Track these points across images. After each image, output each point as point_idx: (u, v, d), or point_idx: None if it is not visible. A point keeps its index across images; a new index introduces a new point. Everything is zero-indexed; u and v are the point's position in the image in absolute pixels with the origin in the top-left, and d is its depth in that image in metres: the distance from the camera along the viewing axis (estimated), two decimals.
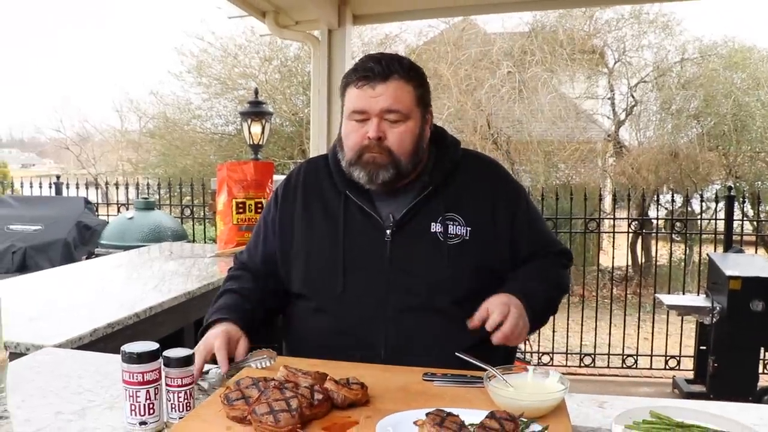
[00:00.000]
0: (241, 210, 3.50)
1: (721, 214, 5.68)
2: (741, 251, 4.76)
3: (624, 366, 5.34)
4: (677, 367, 5.26)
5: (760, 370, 4.61)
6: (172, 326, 2.44)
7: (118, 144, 15.52)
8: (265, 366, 1.46)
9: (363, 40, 10.75)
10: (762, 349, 4.44)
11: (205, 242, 5.85)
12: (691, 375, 4.85)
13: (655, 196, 8.18)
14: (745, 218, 6.74)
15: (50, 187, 6.39)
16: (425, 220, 1.61)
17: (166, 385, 1.25)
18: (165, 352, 1.27)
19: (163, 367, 1.25)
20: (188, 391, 1.26)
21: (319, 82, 4.76)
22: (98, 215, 5.65)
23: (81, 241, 4.84)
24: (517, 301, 1.52)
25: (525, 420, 1.15)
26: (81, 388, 1.45)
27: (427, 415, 1.09)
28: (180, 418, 1.24)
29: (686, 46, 9.68)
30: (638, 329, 5.41)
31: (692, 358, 4.97)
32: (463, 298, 1.56)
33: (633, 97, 10.49)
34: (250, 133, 5.08)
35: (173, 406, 1.25)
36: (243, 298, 1.66)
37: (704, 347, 4.60)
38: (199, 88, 10.47)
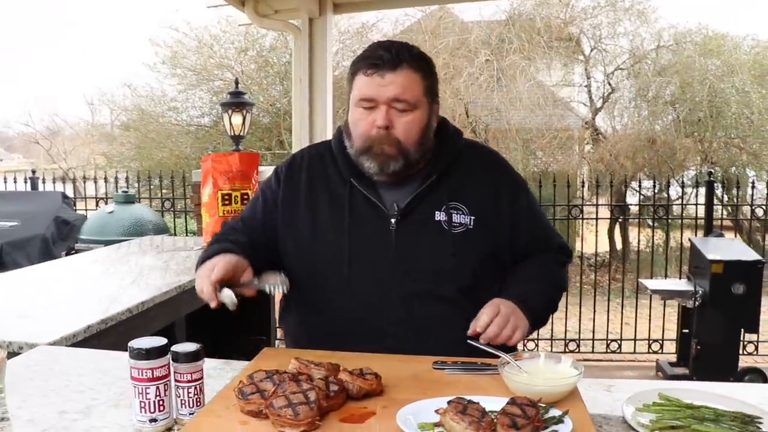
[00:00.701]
0: (227, 202, 3.45)
1: (699, 199, 5.78)
2: (721, 235, 4.82)
3: (608, 351, 5.41)
4: (660, 351, 5.34)
5: (741, 351, 4.71)
6: (164, 321, 2.40)
7: (89, 137, 15.23)
8: (278, 291, 1.44)
9: (340, 29, 10.67)
10: (742, 331, 4.51)
11: (187, 235, 5.77)
12: (674, 358, 4.92)
13: (634, 183, 8.28)
14: (724, 203, 6.82)
15: (25, 182, 6.24)
16: (429, 208, 1.60)
17: (175, 380, 1.22)
18: (173, 347, 1.24)
19: (171, 362, 1.22)
20: (198, 386, 1.23)
21: (300, 72, 4.71)
22: (75, 210, 5.54)
23: (59, 236, 4.74)
24: (510, 304, 1.51)
25: (544, 405, 1.14)
26: (82, 386, 1.41)
27: (448, 403, 1.08)
28: (190, 414, 1.22)
29: (661, 33, 9.78)
30: (621, 314, 5.48)
31: (674, 342, 5.05)
32: (469, 287, 1.57)
33: (609, 84, 10.58)
34: (231, 124, 4.98)
35: (183, 402, 1.22)
36: (239, 246, 1.57)
37: (686, 330, 4.67)
38: (174, 79, 10.31)
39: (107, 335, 2.00)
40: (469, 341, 1.41)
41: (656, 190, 6.04)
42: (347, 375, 1.22)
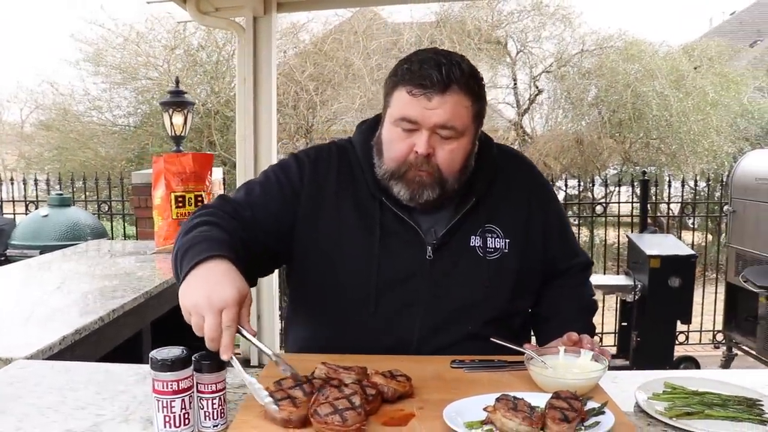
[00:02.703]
0: (180, 204, 3.33)
1: (622, 197, 6.11)
2: (655, 232, 5.06)
3: (551, 345, 5.55)
4: (600, 344, 5.52)
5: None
6: (133, 329, 2.29)
7: None
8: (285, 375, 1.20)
9: None
10: (678, 322, 4.75)
11: (125, 239, 5.53)
12: (613, 350, 5.12)
13: (573, 181, 8.58)
14: (656, 201, 7.14)
15: None
16: (466, 234, 1.50)
17: (198, 391, 1.16)
18: (193, 356, 1.17)
19: (194, 373, 1.16)
20: (222, 396, 1.17)
21: (245, 71, 4.61)
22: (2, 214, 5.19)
23: None
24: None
25: (582, 398, 1.16)
26: (81, 402, 1.32)
27: (497, 400, 1.08)
28: (214, 426, 1.16)
29: (585, 38, 10.19)
30: None
31: (613, 335, 5.26)
32: (498, 317, 1.51)
33: (536, 86, 10.92)
34: (171, 123, 4.83)
35: (207, 414, 1.16)
36: (231, 237, 1.32)
37: (625, 323, 4.87)
38: (98, 77, 9.84)
39: (80, 346, 1.88)
40: (492, 339, 1.40)
41: (592, 189, 6.28)
42: (381, 378, 1.19)
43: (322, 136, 10.34)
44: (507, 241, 1.52)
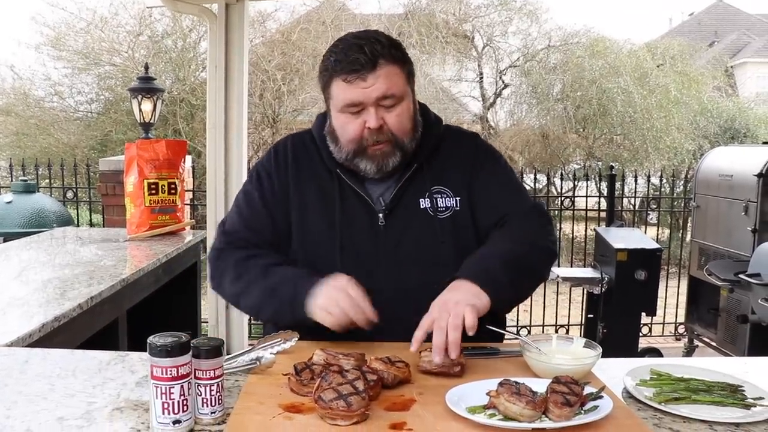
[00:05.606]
0: (153, 191, 3.27)
1: (587, 191, 6.24)
2: (622, 225, 5.17)
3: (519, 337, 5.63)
4: (566, 335, 5.65)
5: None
6: (109, 317, 2.24)
7: None
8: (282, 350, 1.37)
9: None
10: (643, 314, 4.87)
11: (91, 226, 5.40)
12: None
13: (541, 176, 8.69)
14: (623, 196, 7.27)
15: None
16: (413, 197, 1.60)
17: (196, 378, 1.14)
18: (192, 341, 1.16)
19: (192, 358, 1.14)
20: (220, 383, 1.16)
21: (216, 59, 4.50)
22: None
23: None
24: (448, 294, 1.39)
25: (580, 383, 1.18)
26: (71, 390, 1.28)
27: (500, 385, 1.09)
28: (212, 413, 1.14)
29: (551, 33, 10.31)
30: (531, 302, 5.73)
31: (579, 326, 5.36)
32: None
33: (502, 81, 11.01)
34: (140, 110, 4.74)
35: (205, 400, 1.14)
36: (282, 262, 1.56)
37: (591, 315, 4.97)
38: (60, 62, 9.56)
39: (58, 334, 1.83)
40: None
41: (555, 184, 6.37)
42: (380, 363, 1.20)
43: (288, 126, 10.26)
44: (458, 199, 1.61)
